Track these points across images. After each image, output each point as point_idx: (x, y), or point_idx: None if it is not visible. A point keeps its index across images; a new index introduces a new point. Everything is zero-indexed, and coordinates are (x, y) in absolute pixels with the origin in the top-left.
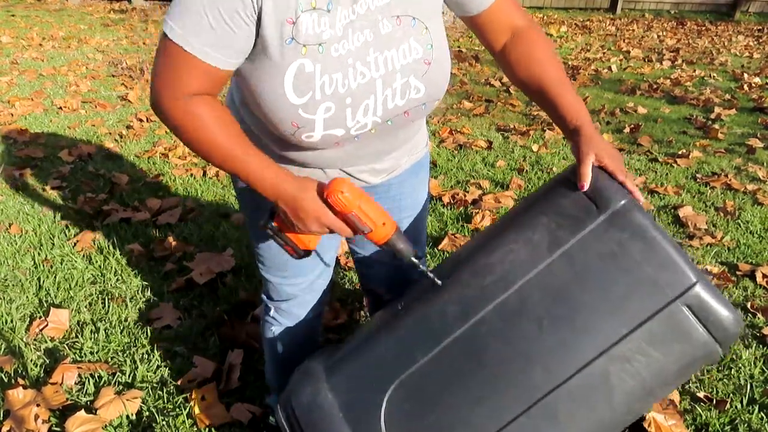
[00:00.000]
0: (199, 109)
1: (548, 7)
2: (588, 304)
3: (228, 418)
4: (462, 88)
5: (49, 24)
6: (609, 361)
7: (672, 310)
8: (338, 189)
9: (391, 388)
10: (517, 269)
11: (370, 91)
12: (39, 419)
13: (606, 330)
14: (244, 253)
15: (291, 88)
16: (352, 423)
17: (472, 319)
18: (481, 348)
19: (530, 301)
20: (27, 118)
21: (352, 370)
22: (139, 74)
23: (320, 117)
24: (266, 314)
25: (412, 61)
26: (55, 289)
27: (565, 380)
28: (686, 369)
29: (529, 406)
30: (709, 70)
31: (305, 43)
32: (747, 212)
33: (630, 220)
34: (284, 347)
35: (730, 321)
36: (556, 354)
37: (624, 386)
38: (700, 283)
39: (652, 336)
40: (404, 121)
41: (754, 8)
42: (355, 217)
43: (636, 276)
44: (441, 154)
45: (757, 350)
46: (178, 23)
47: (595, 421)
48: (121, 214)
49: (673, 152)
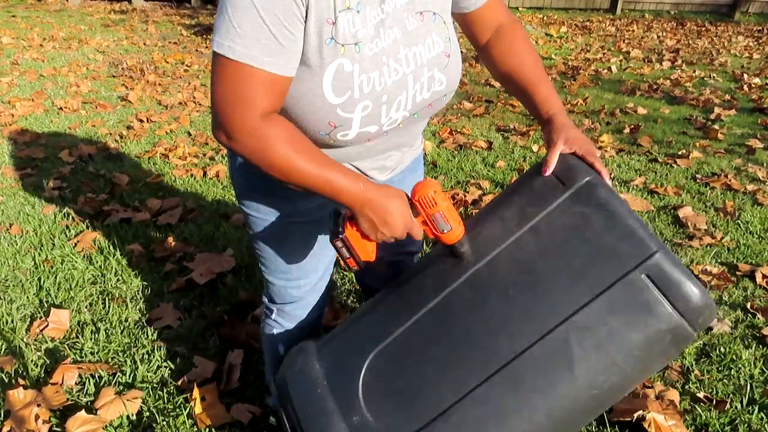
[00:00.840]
0: (273, 132)
1: (548, 7)
2: (551, 275)
3: (228, 418)
4: (462, 88)
5: (50, 25)
6: (570, 330)
7: (632, 278)
8: (431, 188)
9: (371, 356)
10: (489, 243)
11: (403, 87)
12: (39, 419)
13: (567, 298)
14: (244, 253)
15: (330, 88)
16: (334, 389)
17: (445, 291)
18: (452, 318)
19: (498, 273)
20: (27, 119)
21: (339, 342)
22: (140, 75)
23: (358, 115)
24: (267, 317)
25: (435, 54)
26: (56, 290)
27: (527, 348)
28: (652, 342)
29: (491, 374)
30: (709, 71)
31: (344, 43)
32: (747, 213)
33: (594, 194)
34: (286, 350)
35: (693, 293)
36: (519, 322)
37: (585, 355)
38: (660, 252)
39: (612, 305)
40: (427, 112)
41: (754, 9)
42: (441, 215)
43: (597, 246)
44: (441, 155)
45: (757, 350)
46: (235, 41)
47: (559, 392)
48: (122, 214)
49: (673, 153)
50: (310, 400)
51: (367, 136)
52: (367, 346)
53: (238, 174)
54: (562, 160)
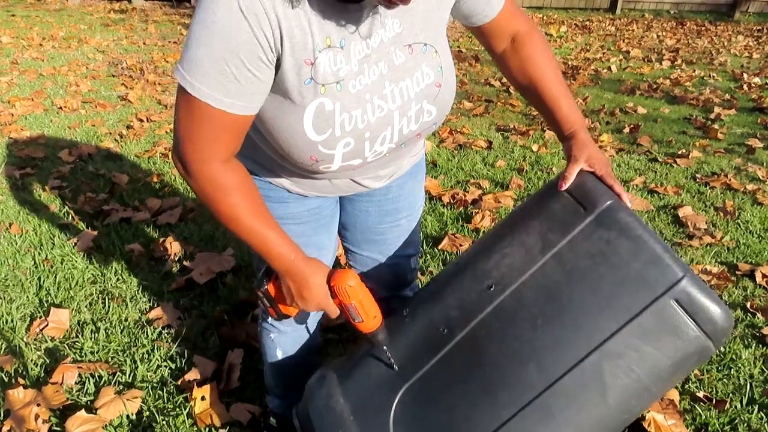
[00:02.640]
0: (229, 181)
1: (548, 7)
2: (579, 302)
3: (228, 418)
4: (462, 88)
5: (50, 24)
6: (601, 358)
7: (661, 304)
8: (346, 281)
9: (401, 392)
10: (512, 272)
11: (387, 123)
12: (39, 419)
13: (597, 326)
14: (244, 253)
15: (311, 126)
16: (362, 426)
17: (472, 323)
18: (481, 350)
19: (524, 302)
20: (27, 118)
21: (364, 376)
22: (140, 74)
23: (339, 152)
24: (264, 320)
25: (425, 86)
26: (56, 289)
27: (559, 378)
28: (680, 365)
29: (524, 405)
30: (709, 70)
31: (324, 83)
32: (747, 212)
33: (616, 219)
34: (284, 352)
35: (719, 315)
36: (549, 352)
37: (618, 383)
38: (687, 277)
39: (642, 331)
40: (415, 141)
41: (754, 8)
42: (353, 308)
43: (624, 273)
44: (441, 154)
45: (757, 350)
46: (199, 80)
47: (591, 420)
48: (122, 213)
49: (673, 152)
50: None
51: (351, 168)
52: (396, 382)
53: None
54: (580, 178)
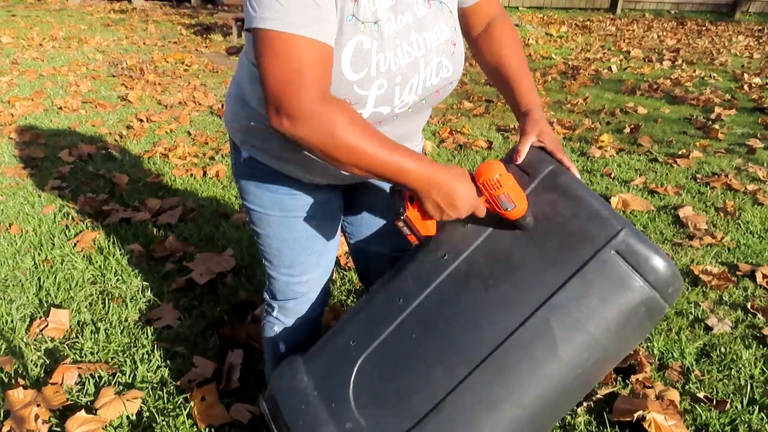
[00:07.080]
0: (337, 115)
1: (548, 7)
2: (527, 262)
3: (228, 418)
4: (462, 88)
5: (50, 24)
6: (549, 312)
7: (603, 256)
8: (494, 172)
9: (359, 362)
10: (465, 240)
11: (415, 70)
12: (39, 419)
13: (545, 282)
14: (244, 253)
15: (348, 64)
16: (324, 398)
17: (427, 289)
18: (436, 315)
19: (476, 266)
20: (27, 118)
21: (326, 353)
22: (140, 74)
23: (373, 93)
24: (268, 314)
25: (443, 41)
26: (56, 290)
27: (510, 335)
28: (627, 316)
29: (478, 363)
30: (709, 71)
31: (364, 20)
32: (747, 212)
33: (558, 182)
34: (287, 347)
35: (660, 264)
36: (500, 310)
37: (566, 335)
38: (626, 229)
39: (587, 283)
40: (434, 99)
41: (754, 8)
42: (506, 197)
43: (567, 231)
44: (441, 154)
45: (758, 350)
46: (282, 12)
47: (544, 376)
48: (122, 214)
49: (673, 152)
50: (301, 411)
51: (378, 118)
52: (354, 353)
53: (244, 169)
54: (530, 152)
